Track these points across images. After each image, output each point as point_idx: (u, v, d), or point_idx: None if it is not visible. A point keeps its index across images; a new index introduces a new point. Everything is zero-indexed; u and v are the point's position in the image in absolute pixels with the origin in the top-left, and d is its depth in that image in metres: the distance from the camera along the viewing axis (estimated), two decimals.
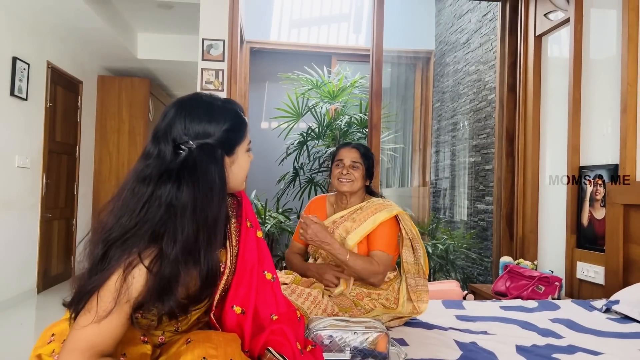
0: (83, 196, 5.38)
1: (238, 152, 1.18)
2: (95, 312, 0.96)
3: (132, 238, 1.01)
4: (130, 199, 1.07)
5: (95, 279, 0.99)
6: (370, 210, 1.94)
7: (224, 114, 1.15)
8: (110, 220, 1.05)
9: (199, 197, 1.06)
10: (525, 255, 3.33)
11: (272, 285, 1.23)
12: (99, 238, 1.04)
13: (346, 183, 1.97)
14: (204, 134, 1.11)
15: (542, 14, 3.29)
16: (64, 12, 3.99)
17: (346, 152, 2.02)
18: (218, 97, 1.19)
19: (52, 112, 4.58)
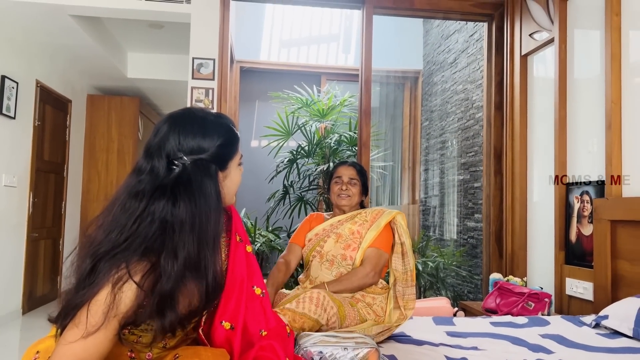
0: (70, 215, 5.32)
1: (231, 166, 1.19)
2: (83, 327, 0.94)
3: (121, 253, 1.00)
4: (121, 214, 1.06)
5: (83, 293, 0.98)
6: (371, 215, 2.08)
7: (217, 129, 1.16)
8: (99, 235, 1.04)
9: (196, 213, 1.07)
10: (515, 272, 3.34)
11: (262, 301, 1.22)
12: (87, 252, 1.03)
13: (345, 198, 2.14)
14: (198, 149, 1.12)
15: (527, 34, 3.36)
16: (54, 31, 4.00)
17: (344, 169, 2.19)
18: (210, 111, 1.21)
19: (41, 131, 4.56)
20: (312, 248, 2.10)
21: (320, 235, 2.11)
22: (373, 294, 1.96)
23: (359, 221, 2.07)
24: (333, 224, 2.12)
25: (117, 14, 3.60)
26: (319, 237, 2.11)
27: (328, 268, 2.02)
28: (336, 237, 2.07)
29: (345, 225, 2.08)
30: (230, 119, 1.24)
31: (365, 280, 1.94)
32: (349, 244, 2.03)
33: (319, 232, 2.13)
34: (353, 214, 2.12)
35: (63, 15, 3.69)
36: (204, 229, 1.07)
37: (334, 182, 2.19)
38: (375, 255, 1.98)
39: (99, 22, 4.40)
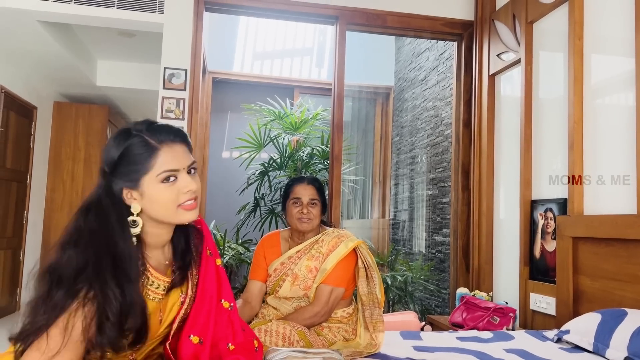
0: (33, 225, 5.16)
1: (144, 183, 1.09)
2: (44, 351, 0.93)
3: (70, 280, 0.99)
4: (69, 229, 1.07)
5: (43, 318, 0.96)
6: (327, 245, 1.95)
7: (118, 140, 1.11)
8: (56, 253, 1.03)
9: (100, 233, 1.05)
10: (481, 286, 3.39)
11: (229, 314, 1.22)
12: (45, 271, 1.01)
13: (306, 221, 1.98)
14: (108, 164, 1.11)
15: (495, 54, 3.45)
16: (20, 35, 3.91)
17: (302, 189, 2.01)
18: (133, 123, 1.14)
19: (4, 138, 4.43)
20: (272, 288, 2.00)
21: (279, 272, 1.99)
22: (339, 323, 1.95)
23: (316, 254, 1.95)
24: (291, 256, 1.98)
25: (88, 22, 3.55)
26: (278, 275, 1.98)
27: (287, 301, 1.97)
28: (292, 278, 1.95)
29: (302, 262, 1.95)
30: (146, 129, 1.11)
31: (314, 320, 1.87)
32: (308, 284, 1.93)
33: (277, 267, 2.00)
34: (311, 243, 1.98)
35: (31, 21, 3.61)
36: (96, 245, 1.03)
37: (291, 202, 2.01)
38: (326, 294, 1.89)
39: (68, 28, 4.32)
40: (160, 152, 1.08)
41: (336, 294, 1.92)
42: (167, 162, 1.08)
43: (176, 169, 1.09)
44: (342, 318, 1.96)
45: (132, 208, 1.09)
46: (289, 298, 1.95)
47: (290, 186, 2.06)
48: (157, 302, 1.14)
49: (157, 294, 1.15)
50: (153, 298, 1.14)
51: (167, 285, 1.16)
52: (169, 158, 1.08)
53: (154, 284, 1.14)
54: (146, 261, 1.13)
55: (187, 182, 1.10)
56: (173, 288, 1.18)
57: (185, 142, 1.14)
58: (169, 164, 1.08)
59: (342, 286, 1.93)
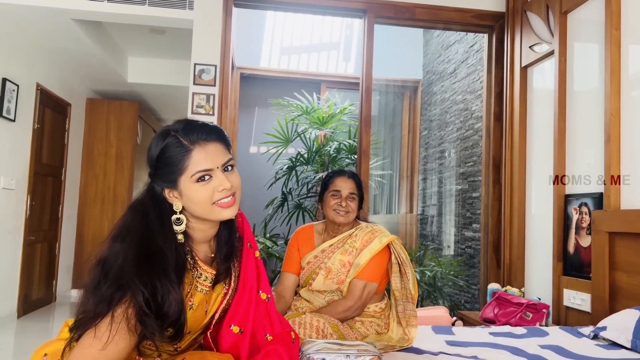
0: (67, 219, 5.30)
1: (180, 184, 1.10)
2: (100, 337, 0.97)
3: (118, 274, 1.02)
4: (118, 226, 1.11)
5: (95, 310, 0.99)
6: (361, 239, 1.95)
7: (155, 144, 1.13)
8: (106, 247, 1.07)
9: (135, 226, 1.09)
10: (513, 282, 3.35)
11: (267, 305, 1.24)
12: (97, 264, 1.05)
13: (344, 215, 1.97)
14: (150, 165, 1.15)
15: (527, 46, 3.39)
16: (56, 34, 4.01)
17: (343, 182, 2.01)
18: (173, 123, 1.16)
19: (40, 134, 4.55)
20: (305, 281, 2.01)
21: (312, 266, 1.99)
22: (371, 317, 1.95)
23: (349, 249, 1.95)
24: (325, 250, 1.99)
25: (121, 19, 3.62)
26: (311, 268, 1.99)
27: (320, 294, 1.98)
28: (326, 272, 1.95)
29: (336, 256, 1.95)
30: (187, 125, 1.13)
31: (347, 314, 1.87)
32: (342, 278, 1.93)
33: (311, 260, 2.01)
34: (344, 237, 1.98)
35: (66, 20, 3.70)
36: (138, 241, 1.06)
37: (330, 194, 2.00)
38: (359, 288, 1.89)
39: (100, 26, 4.41)
40: (193, 152, 1.09)
41: (369, 289, 1.92)
42: (200, 162, 1.09)
43: (209, 169, 1.10)
44: (374, 313, 1.96)
45: (175, 206, 1.12)
46: (322, 291, 1.96)
47: (331, 178, 2.05)
48: (204, 294, 1.17)
49: (205, 286, 1.18)
50: (201, 290, 1.17)
51: (213, 278, 1.19)
52: (202, 158, 1.09)
53: (202, 276, 1.17)
54: (195, 255, 1.16)
55: (221, 180, 1.10)
56: (219, 281, 1.20)
57: (220, 139, 1.14)
58: (202, 164, 1.09)
59: (376, 281, 1.93)
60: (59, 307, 5.00)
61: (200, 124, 1.13)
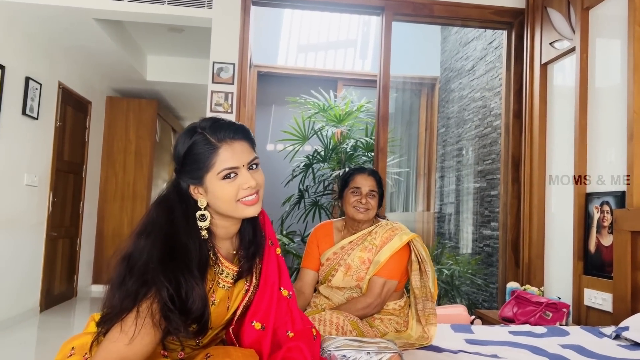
0: (88, 216, 5.39)
1: (206, 181, 1.12)
2: (126, 333, 0.99)
3: (143, 268, 1.04)
4: (143, 222, 1.13)
5: (120, 305, 1.01)
6: (381, 237, 1.95)
7: (183, 141, 1.14)
8: (132, 242, 1.08)
9: (160, 222, 1.10)
10: (532, 281, 3.32)
11: (288, 302, 1.25)
12: (122, 259, 1.07)
13: (363, 212, 1.98)
14: (176, 161, 1.16)
15: (547, 43, 3.35)
16: (77, 33, 4.08)
17: (363, 179, 2.02)
18: (200, 120, 1.17)
19: (61, 132, 4.63)
20: (325, 277, 2.01)
21: (331, 262, 2.00)
22: (390, 315, 1.96)
23: (369, 246, 1.96)
24: (344, 246, 1.99)
25: (141, 18, 3.66)
26: (330, 265, 2.00)
27: (339, 291, 1.99)
28: (345, 268, 1.96)
29: (355, 253, 1.96)
30: (214, 123, 1.14)
31: (366, 311, 1.88)
32: (361, 275, 1.94)
33: (330, 256, 2.01)
34: (364, 234, 1.99)
35: (87, 19, 3.75)
36: (162, 236, 1.08)
37: (350, 191, 2.01)
38: (379, 286, 1.90)
39: (120, 25, 4.47)
40: (220, 150, 1.11)
41: (389, 287, 1.92)
42: (226, 160, 1.11)
43: (235, 167, 1.11)
44: (393, 310, 1.97)
45: (199, 203, 1.14)
46: (341, 288, 1.97)
47: (351, 175, 2.06)
48: (226, 290, 1.19)
49: (227, 282, 1.19)
50: (223, 286, 1.19)
51: (235, 275, 1.20)
52: (229, 156, 1.11)
53: (224, 272, 1.19)
54: (217, 251, 1.18)
55: (247, 178, 1.12)
56: (240, 278, 1.22)
57: (246, 138, 1.16)
58: (228, 162, 1.11)
59: (395, 279, 1.93)
60: (80, 302, 5.09)
61: (227, 122, 1.15)
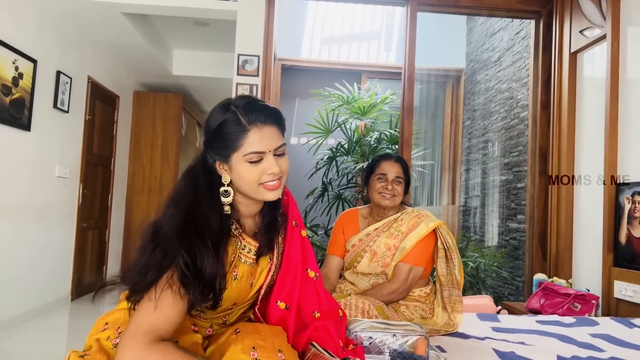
0: (116, 208, 5.50)
1: (233, 159, 1.12)
2: (153, 303, 1.01)
3: (170, 237, 1.06)
4: (173, 191, 1.16)
5: (148, 275, 1.04)
6: (407, 224, 1.95)
7: (215, 116, 1.14)
8: (163, 211, 1.11)
9: (187, 191, 1.13)
10: (559, 273, 3.27)
11: (315, 283, 1.26)
12: (151, 226, 1.09)
13: (389, 198, 1.97)
14: (206, 135, 1.17)
15: (577, 31, 3.28)
16: (107, 28, 4.16)
17: (389, 166, 2.01)
18: (235, 97, 1.17)
19: (91, 125, 4.74)
20: (350, 263, 2.02)
21: (357, 249, 2.01)
22: (416, 302, 1.96)
23: (395, 232, 1.96)
24: (370, 233, 2.00)
25: (167, 12, 3.71)
26: (356, 251, 2.01)
27: (364, 277, 2.00)
28: (371, 255, 1.96)
29: (381, 240, 1.96)
30: (248, 103, 1.14)
31: (392, 297, 1.88)
32: (387, 262, 1.94)
33: (356, 243, 2.02)
34: (390, 221, 1.98)
35: (115, 13, 3.83)
36: (185, 206, 1.09)
37: (376, 177, 2.01)
38: (405, 272, 1.90)
39: (147, 20, 4.54)
40: (249, 133, 1.10)
41: (415, 273, 1.92)
42: (254, 143, 1.10)
43: (262, 151, 1.11)
44: (419, 297, 1.96)
45: (223, 179, 1.15)
46: (367, 274, 1.98)
47: (377, 162, 2.05)
48: (249, 266, 1.20)
49: (249, 257, 1.21)
50: (245, 261, 1.20)
51: (256, 250, 1.21)
52: (257, 140, 1.10)
53: (246, 248, 1.20)
54: (239, 227, 1.19)
55: (271, 164, 1.12)
56: (262, 255, 1.23)
57: (277, 123, 1.15)
58: (255, 146, 1.10)
59: (421, 265, 1.93)
60: (109, 291, 5.19)
61: (261, 105, 1.14)
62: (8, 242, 3.51)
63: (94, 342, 1.08)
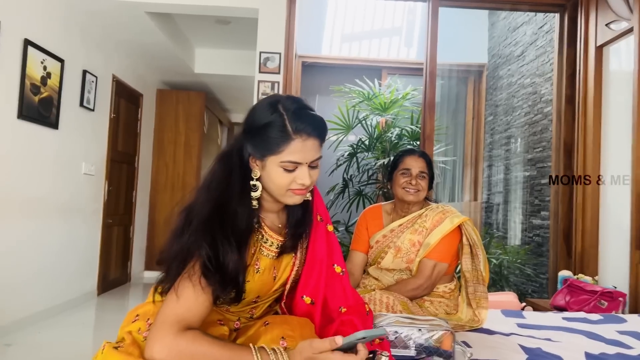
0: (140, 204, 5.59)
1: (267, 161, 1.12)
2: (179, 294, 1.03)
3: (200, 227, 1.07)
4: (206, 175, 1.17)
5: (177, 264, 1.06)
6: (431, 219, 1.94)
7: (261, 113, 1.12)
8: (195, 195, 1.13)
9: (220, 180, 1.13)
10: (585, 270, 3.22)
11: (341, 279, 1.26)
12: (184, 210, 1.12)
13: (413, 193, 1.96)
14: (247, 129, 1.15)
15: (603, 24, 3.22)
16: (131, 27, 4.23)
17: (413, 160, 1.99)
18: (285, 98, 1.15)
19: (115, 123, 4.82)
20: (374, 259, 2.02)
21: (381, 245, 2.01)
22: (440, 297, 1.95)
23: (419, 228, 1.94)
24: (394, 229, 1.99)
25: (190, 10, 3.76)
26: (380, 247, 2.00)
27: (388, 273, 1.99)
28: (395, 251, 1.95)
29: (405, 235, 1.95)
30: (299, 109, 1.12)
31: (416, 292, 1.88)
32: (412, 258, 1.93)
33: (380, 239, 2.02)
34: (414, 217, 1.97)
35: (140, 13, 3.89)
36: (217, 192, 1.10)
37: (400, 172, 1.99)
38: (429, 268, 1.89)
39: (170, 18, 4.60)
40: (292, 142, 1.09)
41: (439, 269, 1.92)
42: (294, 153, 1.09)
43: (300, 162, 1.11)
44: (443, 293, 1.96)
45: (253, 173, 1.16)
46: (391, 270, 1.98)
47: (401, 157, 2.04)
48: (271, 259, 1.21)
49: (271, 251, 1.21)
50: (267, 255, 1.21)
51: (280, 244, 1.22)
52: (297, 150, 1.09)
53: (268, 241, 1.21)
54: (262, 220, 1.21)
55: (304, 175, 1.12)
56: (284, 252, 1.23)
57: (320, 137, 1.14)
58: (294, 156, 1.10)
59: (446, 261, 1.93)
60: (133, 287, 5.30)
61: (310, 114, 1.13)
62: (37, 238, 3.60)
63: (126, 334, 1.11)
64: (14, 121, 3.26)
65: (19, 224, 3.38)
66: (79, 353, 3.07)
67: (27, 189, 3.44)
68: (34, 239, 3.56)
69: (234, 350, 0.99)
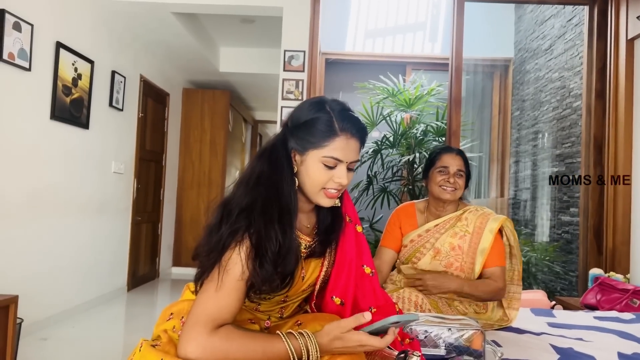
0: (168, 202, 5.69)
1: (309, 154, 1.13)
2: (214, 286, 1.05)
3: (239, 214, 1.08)
4: (245, 171, 1.17)
5: (212, 256, 1.07)
6: (474, 223, 1.89)
7: (309, 109, 1.14)
8: (234, 190, 1.15)
9: (267, 171, 1.13)
10: (616, 268, 3.16)
11: (371, 280, 1.27)
12: (221, 204, 1.13)
13: (450, 192, 1.91)
14: (292, 123, 1.17)
15: (634, 17, 3.15)
16: (157, 28, 4.30)
17: (451, 159, 1.95)
18: (331, 100, 1.17)
19: (143, 122, 4.91)
20: (408, 258, 1.96)
21: (416, 244, 1.95)
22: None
23: (460, 233, 1.88)
24: (429, 229, 1.93)
25: (215, 10, 3.80)
26: (414, 247, 1.95)
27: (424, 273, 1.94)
28: (434, 252, 1.89)
29: (445, 239, 1.89)
30: (344, 110, 1.15)
31: (495, 296, 1.81)
32: (452, 262, 1.86)
33: (414, 238, 1.96)
34: (451, 219, 1.92)
35: (165, 13, 3.95)
36: (264, 186, 1.10)
37: (437, 170, 1.94)
38: (501, 273, 1.84)
39: (195, 18, 4.65)
40: (337, 138, 1.11)
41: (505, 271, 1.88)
42: (338, 149, 1.11)
43: (340, 160, 1.12)
44: None
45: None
46: (427, 271, 1.94)
47: (438, 154, 1.99)
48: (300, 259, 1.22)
49: (299, 251, 1.21)
50: None
51: (308, 244, 1.22)
52: (341, 147, 1.11)
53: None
54: None
55: (342, 174, 1.13)
56: (313, 257, 1.24)
57: (361, 141, 1.16)
58: (338, 153, 1.11)
59: (504, 264, 1.88)
60: (161, 282, 5.41)
61: (355, 117, 1.16)
62: (71, 236, 3.71)
63: (162, 332, 1.13)
64: (47, 122, 3.36)
65: (54, 222, 3.48)
66: (111, 347, 3.16)
67: (60, 188, 3.53)
68: (67, 236, 3.66)
69: (266, 340, 1.01)
